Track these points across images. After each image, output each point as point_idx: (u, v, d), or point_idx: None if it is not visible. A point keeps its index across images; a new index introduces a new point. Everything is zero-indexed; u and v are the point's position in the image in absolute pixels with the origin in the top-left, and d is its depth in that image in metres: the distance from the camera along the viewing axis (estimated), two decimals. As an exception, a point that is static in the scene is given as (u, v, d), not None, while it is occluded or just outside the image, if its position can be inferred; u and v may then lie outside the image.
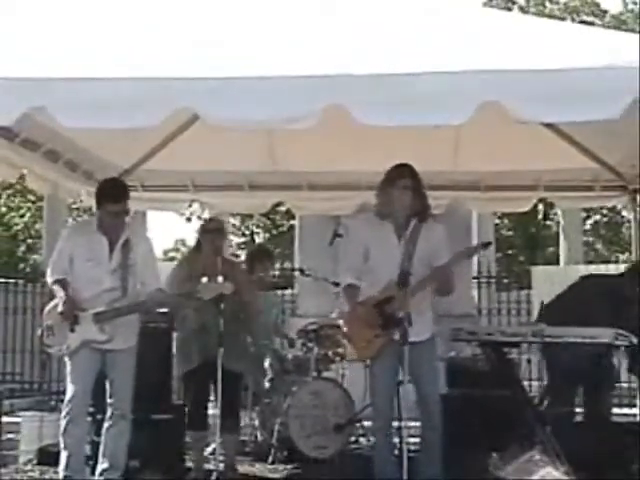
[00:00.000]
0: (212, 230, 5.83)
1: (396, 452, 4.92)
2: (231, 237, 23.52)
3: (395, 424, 5.05)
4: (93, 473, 5.18)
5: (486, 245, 5.55)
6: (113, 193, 5.11)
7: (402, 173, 4.90)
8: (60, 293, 5.01)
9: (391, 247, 4.89)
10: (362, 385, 6.94)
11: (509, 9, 20.68)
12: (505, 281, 12.59)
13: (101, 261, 5.05)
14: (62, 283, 5.06)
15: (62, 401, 5.14)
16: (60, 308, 4.97)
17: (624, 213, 17.58)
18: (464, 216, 10.62)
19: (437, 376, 5.00)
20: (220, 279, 5.26)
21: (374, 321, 4.79)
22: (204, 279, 5.46)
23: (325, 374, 7.12)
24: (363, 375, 6.08)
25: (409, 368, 4.75)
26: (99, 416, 5.38)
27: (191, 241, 26.69)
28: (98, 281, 5.03)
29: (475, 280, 11.33)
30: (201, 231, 5.91)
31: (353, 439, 7.11)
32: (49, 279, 5.13)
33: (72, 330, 4.97)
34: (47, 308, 5.14)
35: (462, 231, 11.21)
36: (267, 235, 25.99)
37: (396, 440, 5.09)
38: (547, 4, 23.39)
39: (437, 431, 4.88)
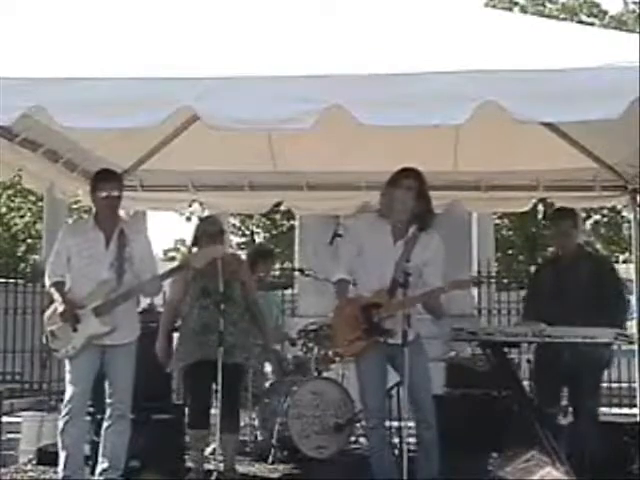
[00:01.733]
0: (213, 232, 5.83)
1: (396, 452, 4.93)
2: (231, 237, 23.54)
3: (395, 424, 5.05)
4: (93, 473, 5.18)
5: (476, 283, 5.58)
6: (103, 175, 5.21)
7: (406, 174, 4.92)
8: (57, 296, 5.04)
9: (386, 248, 4.89)
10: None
11: (510, 9, 20.67)
12: (505, 281, 12.58)
13: (99, 257, 5.08)
14: (59, 286, 5.08)
15: (62, 401, 5.14)
16: (60, 309, 4.99)
17: (624, 213, 17.57)
18: (464, 216, 10.62)
19: (428, 376, 4.95)
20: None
21: (357, 324, 4.81)
22: (194, 249, 5.64)
23: (325, 374, 7.13)
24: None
25: (398, 371, 4.78)
26: (99, 416, 5.38)
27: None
28: (96, 276, 5.04)
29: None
30: (201, 232, 5.89)
31: (353, 439, 7.12)
32: (47, 282, 5.16)
33: (75, 330, 4.98)
34: (47, 314, 5.15)
35: (462, 231, 11.22)
36: (267, 235, 25.99)
37: (396, 440, 5.09)
38: (547, 4, 23.39)
39: (432, 430, 4.86)
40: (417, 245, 4.86)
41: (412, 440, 4.92)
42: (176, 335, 6.01)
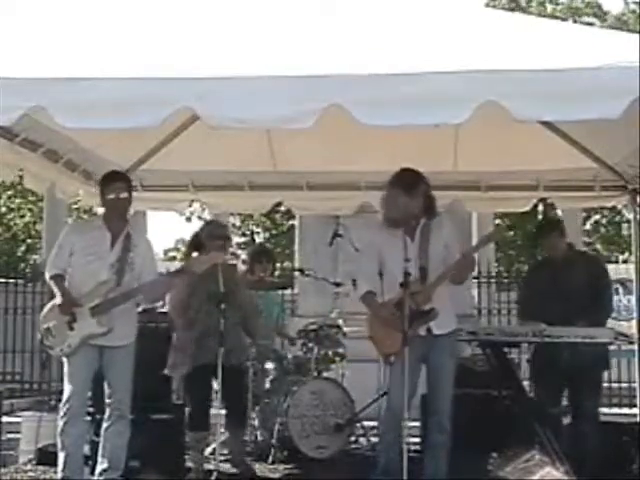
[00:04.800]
0: (221, 236, 5.93)
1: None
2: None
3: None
4: (92, 473, 5.18)
5: (507, 229, 5.64)
6: (114, 176, 5.25)
7: (415, 180, 4.93)
8: (56, 289, 5.05)
9: (404, 250, 4.90)
10: (362, 385, 6.97)
11: (512, 10, 20.65)
12: (505, 281, 12.57)
13: (102, 255, 5.08)
14: (59, 279, 5.08)
15: (62, 401, 5.14)
16: (58, 301, 4.99)
17: (624, 213, 17.54)
18: (464, 216, 10.61)
19: (452, 380, 4.99)
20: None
21: (396, 320, 4.80)
22: (194, 254, 5.70)
23: (325, 374, 7.13)
24: (363, 375, 6.10)
25: (429, 361, 4.83)
26: (98, 416, 5.38)
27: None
28: (96, 275, 5.04)
29: (475, 280, 11.32)
30: (207, 236, 5.93)
31: (353, 439, 7.12)
32: (47, 274, 5.15)
33: (71, 328, 4.98)
34: (44, 312, 5.15)
35: (462, 231, 11.20)
36: (267, 235, 25.97)
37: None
38: (548, 5, 23.38)
39: (447, 435, 4.89)
40: (432, 235, 4.95)
41: (412, 440, 4.92)
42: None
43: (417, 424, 6.07)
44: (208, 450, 6.29)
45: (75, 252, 5.11)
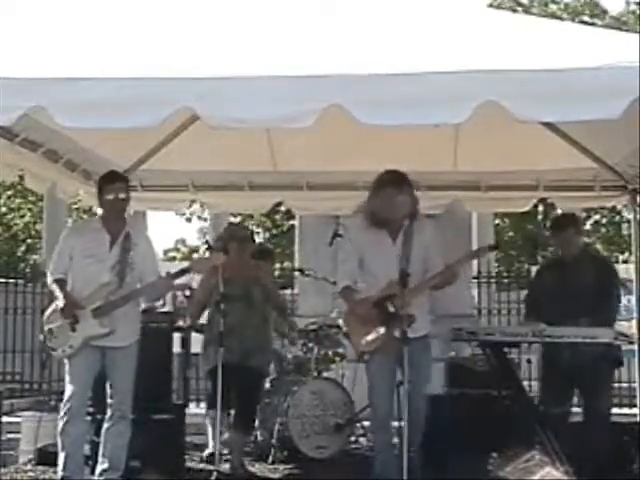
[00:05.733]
0: (241, 238, 6.02)
1: (395, 452, 4.93)
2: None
3: (395, 424, 5.05)
4: (93, 473, 5.18)
5: (493, 248, 5.62)
6: (111, 177, 5.24)
7: (399, 181, 4.93)
8: (58, 292, 5.05)
9: (387, 250, 4.94)
10: (362, 385, 6.97)
11: (515, 10, 20.63)
12: (505, 281, 12.57)
13: (101, 257, 5.08)
14: (61, 283, 5.08)
15: (62, 401, 5.14)
16: (60, 305, 4.99)
17: (624, 213, 17.54)
18: (464, 216, 10.62)
19: (429, 373, 5.01)
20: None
21: (374, 319, 4.80)
22: (195, 256, 5.65)
23: (325, 374, 7.13)
24: (363, 375, 6.07)
25: (405, 361, 4.80)
26: (99, 416, 5.38)
27: (191, 241, 26.73)
28: (97, 277, 5.04)
29: (475, 280, 11.33)
30: (228, 238, 5.97)
31: (353, 439, 7.13)
32: (49, 278, 5.16)
33: (73, 330, 4.98)
34: (46, 313, 5.16)
35: (462, 231, 11.21)
36: (267, 235, 25.98)
37: (396, 440, 5.09)
38: (549, 4, 23.38)
39: (420, 429, 4.89)
40: (414, 237, 4.92)
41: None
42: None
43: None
44: (205, 453, 6.33)
45: (75, 255, 5.11)
